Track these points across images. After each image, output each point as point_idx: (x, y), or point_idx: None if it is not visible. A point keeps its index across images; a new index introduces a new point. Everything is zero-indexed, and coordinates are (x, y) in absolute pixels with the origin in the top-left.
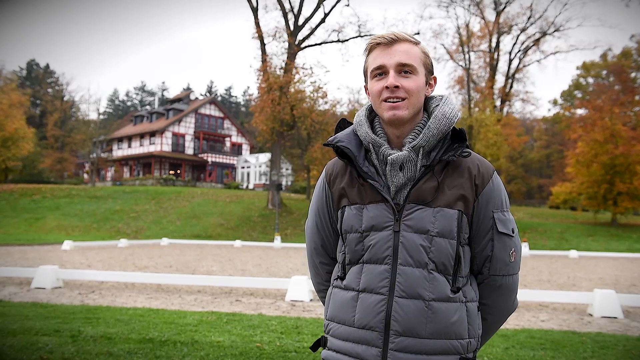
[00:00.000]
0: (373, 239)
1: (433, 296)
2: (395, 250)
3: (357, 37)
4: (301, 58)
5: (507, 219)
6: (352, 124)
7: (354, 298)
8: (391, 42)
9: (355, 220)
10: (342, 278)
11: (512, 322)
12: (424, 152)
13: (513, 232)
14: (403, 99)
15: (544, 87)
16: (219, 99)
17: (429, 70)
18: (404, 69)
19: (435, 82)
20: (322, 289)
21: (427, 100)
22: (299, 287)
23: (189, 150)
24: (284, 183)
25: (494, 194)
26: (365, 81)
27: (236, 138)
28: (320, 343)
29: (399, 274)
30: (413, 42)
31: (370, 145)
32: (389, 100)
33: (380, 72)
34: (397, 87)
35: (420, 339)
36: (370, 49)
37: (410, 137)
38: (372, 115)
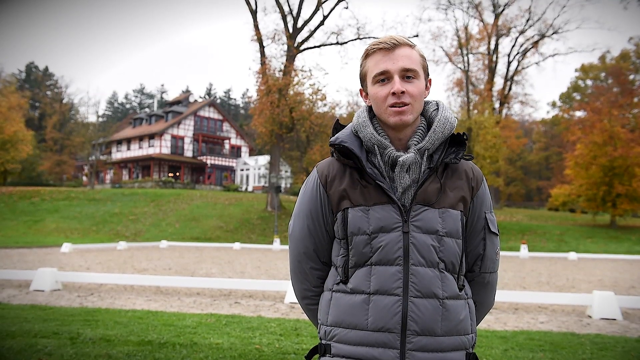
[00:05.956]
0: (382, 240)
1: (446, 294)
2: (405, 251)
3: (356, 39)
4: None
5: (495, 219)
6: (345, 126)
7: (365, 301)
8: (393, 47)
9: (362, 222)
10: (344, 282)
11: (511, 324)
12: (428, 154)
13: (498, 232)
14: (408, 104)
15: (542, 89)
16: (218, 101)
17: (426, 73)
18: (407, 74)
19: (430, 84)
20: (309, 295)
21: (424, 104)
22: None
23: (188, 152)
24: (283, 185)
25: (486, 196)
26: (363, 85)
27: (235, 140)
28: (317, 351)
29: (412, 274)
30: (411, 46)
31: (375, 146)
32: (395, 105)
33: (384, 77)
34: (403, 92)
35: (435, 337)
36: (369, 53)
37: (415, 139)
38: (370, 116)
